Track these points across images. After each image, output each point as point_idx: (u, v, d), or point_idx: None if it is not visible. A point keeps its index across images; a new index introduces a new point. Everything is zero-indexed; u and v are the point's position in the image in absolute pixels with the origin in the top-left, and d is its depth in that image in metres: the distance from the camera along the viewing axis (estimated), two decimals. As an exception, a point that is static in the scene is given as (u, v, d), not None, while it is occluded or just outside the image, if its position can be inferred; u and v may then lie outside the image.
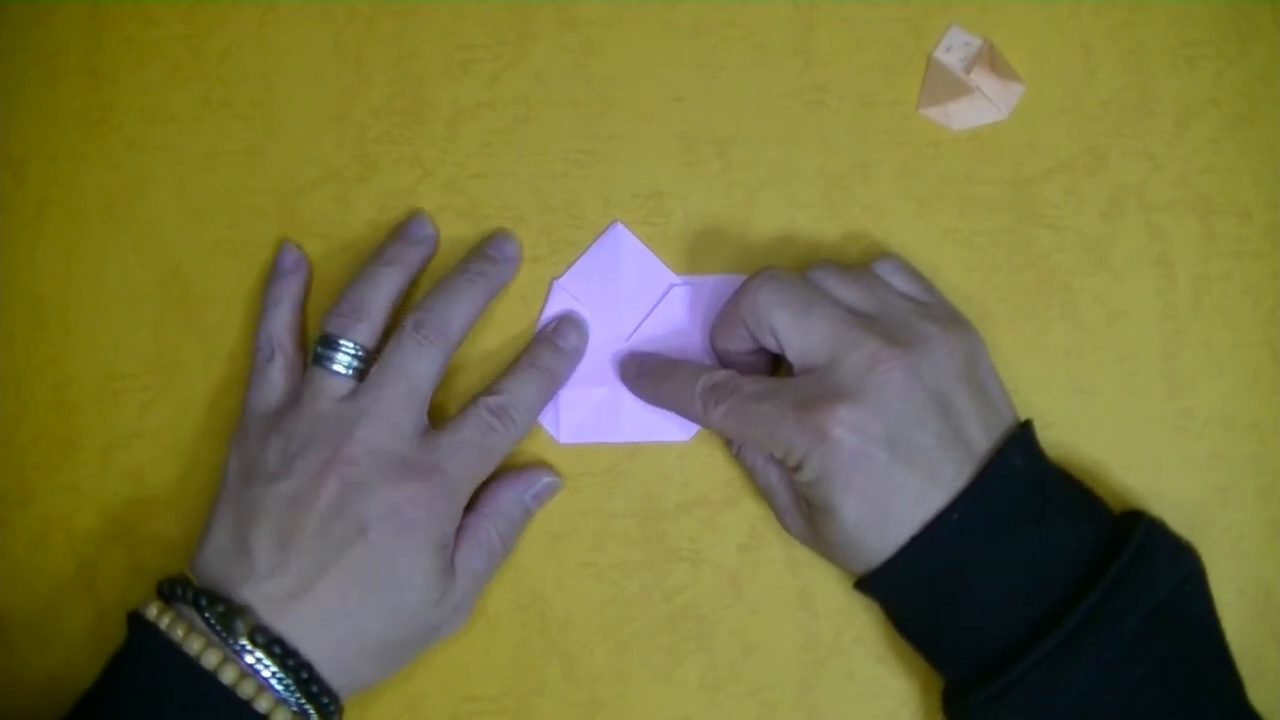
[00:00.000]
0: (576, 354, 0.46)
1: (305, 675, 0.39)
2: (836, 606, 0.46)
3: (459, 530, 0.43)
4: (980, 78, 0.48)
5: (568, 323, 0.47)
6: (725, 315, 0.44)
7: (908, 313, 0.42)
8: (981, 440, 0.40)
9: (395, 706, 0.46)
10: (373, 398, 0.42)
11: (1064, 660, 0.37)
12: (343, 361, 0.43)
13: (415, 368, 0.42)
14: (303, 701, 0.40)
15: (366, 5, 0.50)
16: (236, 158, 0.49)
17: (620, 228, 0.48)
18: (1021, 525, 0.39)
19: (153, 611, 0.40)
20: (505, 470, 0.45)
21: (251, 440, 0.43)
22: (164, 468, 0.47)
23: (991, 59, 0.48)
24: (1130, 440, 0.46)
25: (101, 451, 0.48)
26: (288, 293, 0.46)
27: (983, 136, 0.48)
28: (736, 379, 0.42)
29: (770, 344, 0.42)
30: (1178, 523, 0.42)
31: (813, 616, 0.46)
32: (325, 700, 0.40)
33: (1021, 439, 0.41)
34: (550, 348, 0.46)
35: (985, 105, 0.48)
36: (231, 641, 0.39)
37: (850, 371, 0.40)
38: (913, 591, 0.40)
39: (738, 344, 0.44)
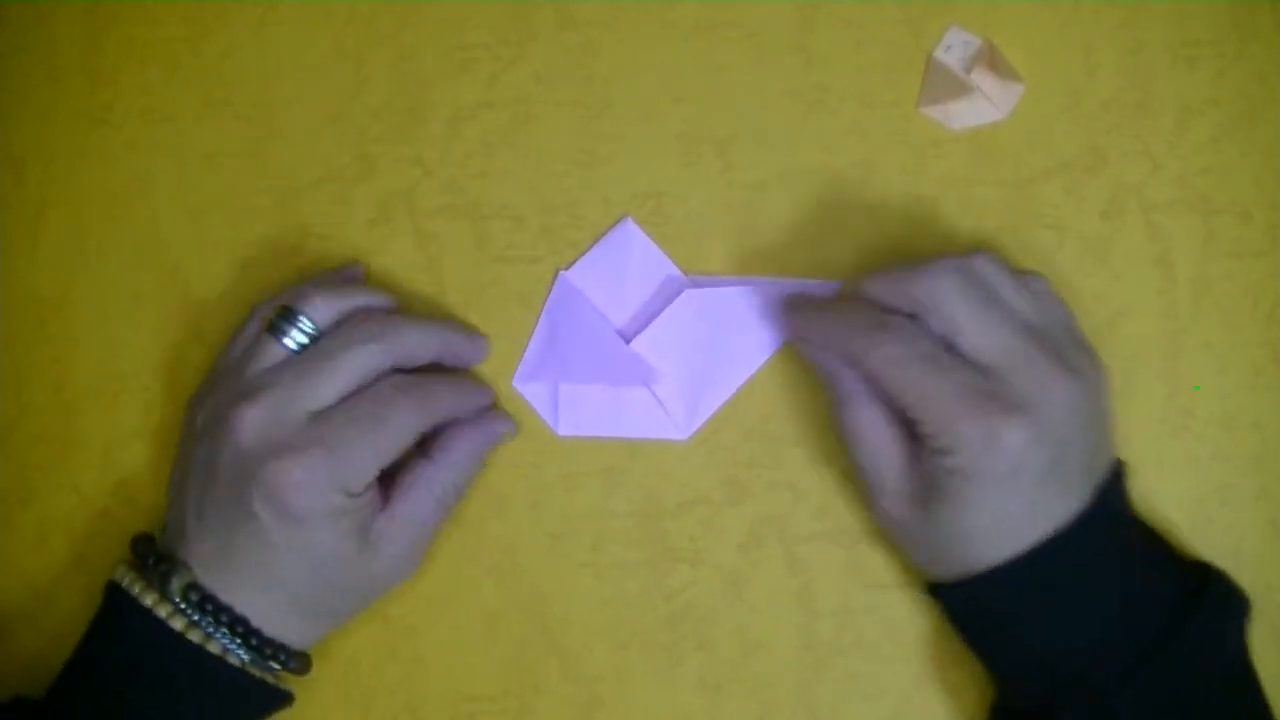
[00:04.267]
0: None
1: (241, 629, 0.41)
2: (836, 606, 0.46)
3: (409, 477, 0.43)
4: (980, 77, 0.48)
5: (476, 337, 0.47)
6: (891, 292, 0.41)
7: (1064, 337, 0.41)
8: (1099, 473, 0.41)
9: (395, 706, 0.46)
10: (289, 369, 0.42)
11: (1135, 697, 0.38)
12: (294, 337, 0.42)
13: (342, 352, 0.42)
14: (252, 654, 0.41)
15: (366, 5, 0.50)
16: (236, 158, 0.49)
17: (630, 223, 0.48)
18: (1112, 560, 0.40)
19: (121, 570, 0.42)
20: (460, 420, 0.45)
21: (200, 395, 0.44)
22: (163, 469, 0.47)
23: (991, 59, 0.48)
24: (1130, 440, 0.46)
25: (101, 452, 0.48)
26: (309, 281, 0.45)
27: (983, 136, 0.48)
28: (919, 330, 0.40)
29: (936, 327, 0.40)
30: (1178, 522, 0.42)
31: (813, 616, 0.46)
32: (270, 651, 0.41)
33: (1121, 476, 0.41)
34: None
35: (985, 105, 0.48)
36: (172, 595, 0.40)
37: (1025, 385, 0.39)
38: (998, 606, 0.40)
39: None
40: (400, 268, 0.48)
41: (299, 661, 0.42)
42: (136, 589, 0.41)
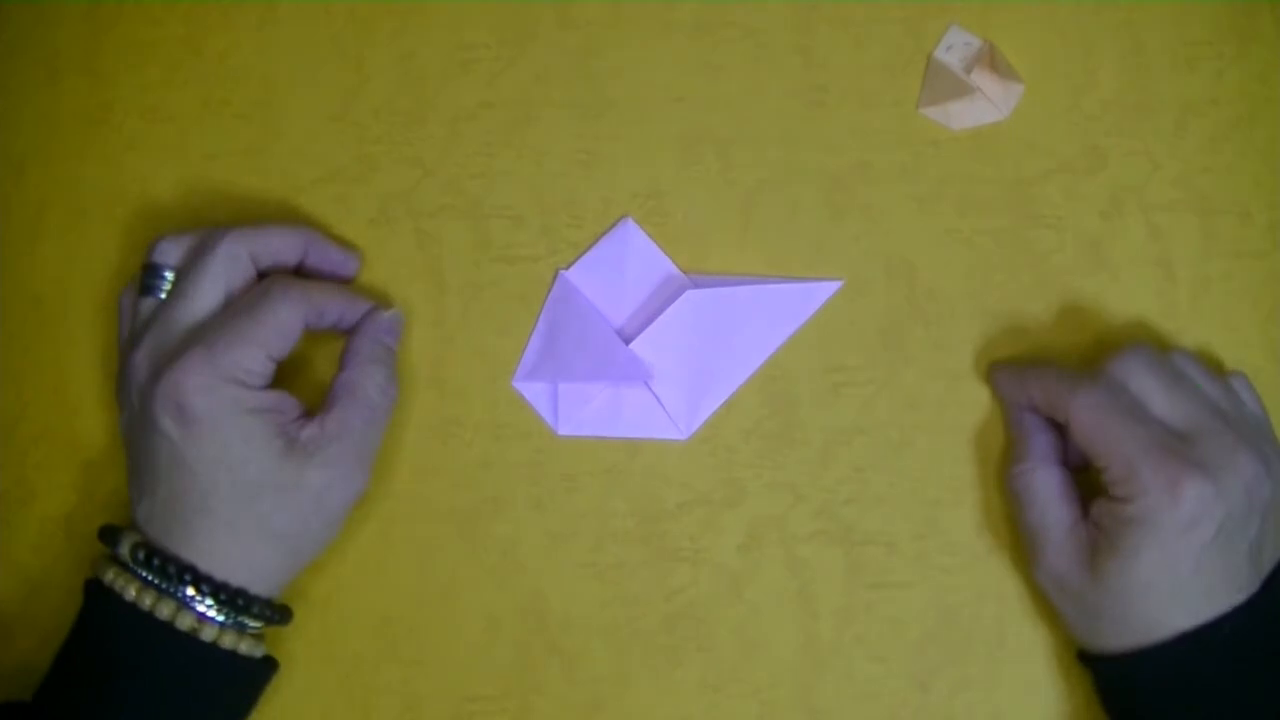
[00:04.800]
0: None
1: (190, 577, 0.40)
2: (836, 606, 0.46)
3: (332, 390, 0.44)
4: (980, 78, 0.48)
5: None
6: (1083, 374, 0.43)
7: (1255, 429, 0.43)
8: (1266, 567, 0.41)
9: (395, 706, 0.46)
10: (162, 306, 0.43)
11: None
12: (162, 287, 0.43)
13: (201, 266, 0.43)
14: (215, 606, 0.40)
15: (366, 5, 0.50)
16: (236, 158, 0.49)
17: (630, 223, 0.48)
18: (1274, 657, 0.40)
19: (99, 565, 0.42)
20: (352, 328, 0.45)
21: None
22: (164, 468, 0.48)
23: (992, 59, 0.48)
24: (1130, 440, 0.46)
25: (101, 451, 0.48)
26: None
27: (983, 136, 0.48)
28: (1113, 382, 0.42)
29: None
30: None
31: (813, 616, 0.46)
32: (224, 596, 0.41)
33: None
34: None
35: (985, 105, 0.48)
36: (124, 562, 0.41)
37: (1210, 451, 0.40)
38: (1152, 687, 0.40)
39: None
40: (400, 268, 0.48)
41: (265, 608, 0.42)
42: (99, 570, 0.41)
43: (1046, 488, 0.43)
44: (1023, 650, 0.45)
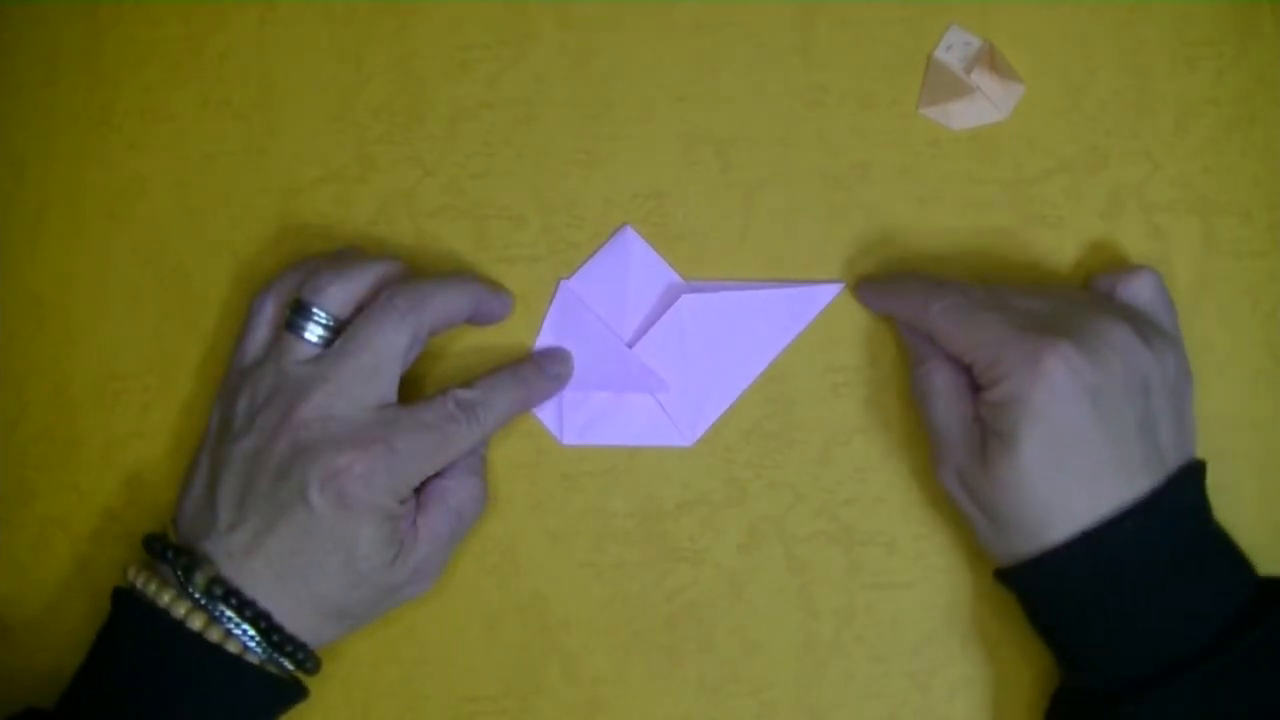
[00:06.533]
0: (558, 383, 0.47)
1: (264, 624, 0.40)
2: (836, 606, 0.46)
3: (426, 493, 0.44)
4: (980, 78, 0.48)
5: (559, 354, 0.47)
6: (934, 284, 0.44)
7: (1136, 313, 0.42)
8: (1170, 455, 0.40)
9: (395, 706, 0.46)
10: (333, 364, 0.42)
11: (1206, 695, 0.38)
12: (314, 331, 0.42)
13: (381, 339, 0.42)
14: (270, 651, 0.41)
15: (366, 5, 0.50)
16: (236, 158, 0.49)
17: (630, 231, 0.48)
18: (1187, 557, 0.40)
19: (132, 571, 0.42)
20: None
21: (228, 394, 0.43)
22: (164, 468, 0.48)
23: (991, 59, 0.48)
24: (1130, 440, 0.46)
25: (101, 451, 0.48)
26: (305, 266, 0.45)
27: (983, 136, 0.48)
28: (969, 286, 0.43)
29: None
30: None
31: (813, 616, 0.46)
32: (290, 649, 0.41)
33: (1200, 473, 0.41)
34: (536, 368, 0.46)
35: (985, 105, 0.48)
36: (192, 591, 0.40)
37: (1074, 324, 0.40)
38: (1064, 590, 0.40)
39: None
40: (400, 268, 0.48)
41: (314, 662, 0.42)
42: (153, 587, 0.41)
43: (946, 383, 0.43)
44: (1022, 650, 0.45)
